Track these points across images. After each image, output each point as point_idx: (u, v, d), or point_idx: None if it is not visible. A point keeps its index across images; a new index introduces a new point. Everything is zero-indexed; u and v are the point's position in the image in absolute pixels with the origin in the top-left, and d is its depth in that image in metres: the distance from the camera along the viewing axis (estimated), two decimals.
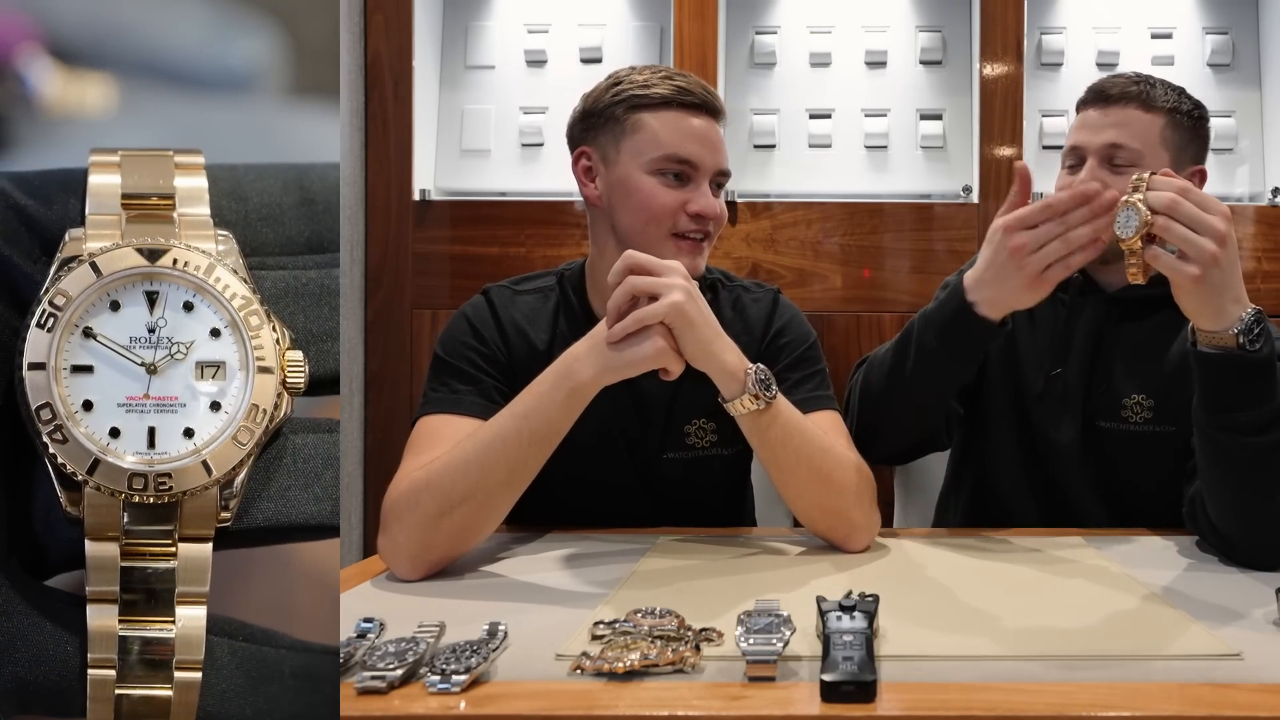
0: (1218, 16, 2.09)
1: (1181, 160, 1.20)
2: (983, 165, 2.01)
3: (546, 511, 1.13)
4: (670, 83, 1.10)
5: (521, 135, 2.10)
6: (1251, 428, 0.92)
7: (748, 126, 2.09)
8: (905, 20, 2.11)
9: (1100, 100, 1.21)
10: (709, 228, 1.10)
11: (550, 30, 2.13)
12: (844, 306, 2.02)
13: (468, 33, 2.14)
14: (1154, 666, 0.65)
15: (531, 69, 2.13)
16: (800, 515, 1.03)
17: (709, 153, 1.10)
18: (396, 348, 2.06)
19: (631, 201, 1.09)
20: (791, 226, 2.03)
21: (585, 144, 1.14)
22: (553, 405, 0.92)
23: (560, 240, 2.03)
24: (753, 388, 0.94)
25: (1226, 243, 0.87)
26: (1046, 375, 1.22)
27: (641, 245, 1.08)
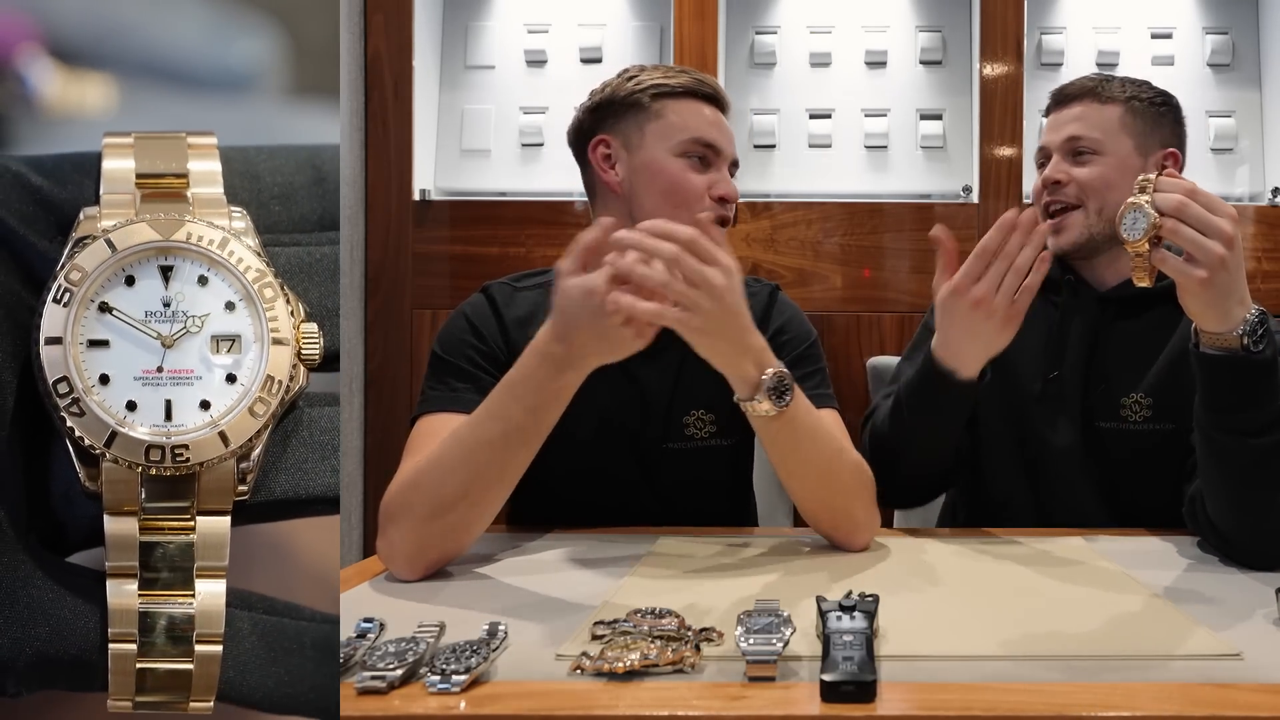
0: (1218, 16, 2.10)
1: (1148, 144, 1.23)
2: (983, 165, 2.01)
3: (548, 506, 1.14)
4: (687, 75, 1.15)
5: (521, 135, 2.10)
6: (1253, 428, 0.92)
7: (748, 126, 2.09)
8: (905, 20, 2.11)
9: (1060, 102, 1.27)
10: (729, 211, 1.14)
11: (550, 30, 2.13)
12: (844, 306, 2.02)
13: (468, 33, 2.15)
14: (1154, 667, 0.65)
15: (531, 69, 2.13)
16: (804, 512, 1.03)
17: (726, 141, 1.15)
18: (396, 348, 2.06)
19: (659, 183, 1.12)
20: (791, 226, 2.03)
21: (603, 132, 1.15)
22: (539, 401, 0.90)
23: (560, 240, 2.02)
24: (764, 395, 0.93)
25: (1234, 245, 0.87)
26: (1044, 378, 1.23)
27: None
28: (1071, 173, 1.21)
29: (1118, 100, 1.22)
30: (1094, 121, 1.22)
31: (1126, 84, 1.24)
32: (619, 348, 0.88)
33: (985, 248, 0.98)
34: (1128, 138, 1.21)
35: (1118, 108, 1.22)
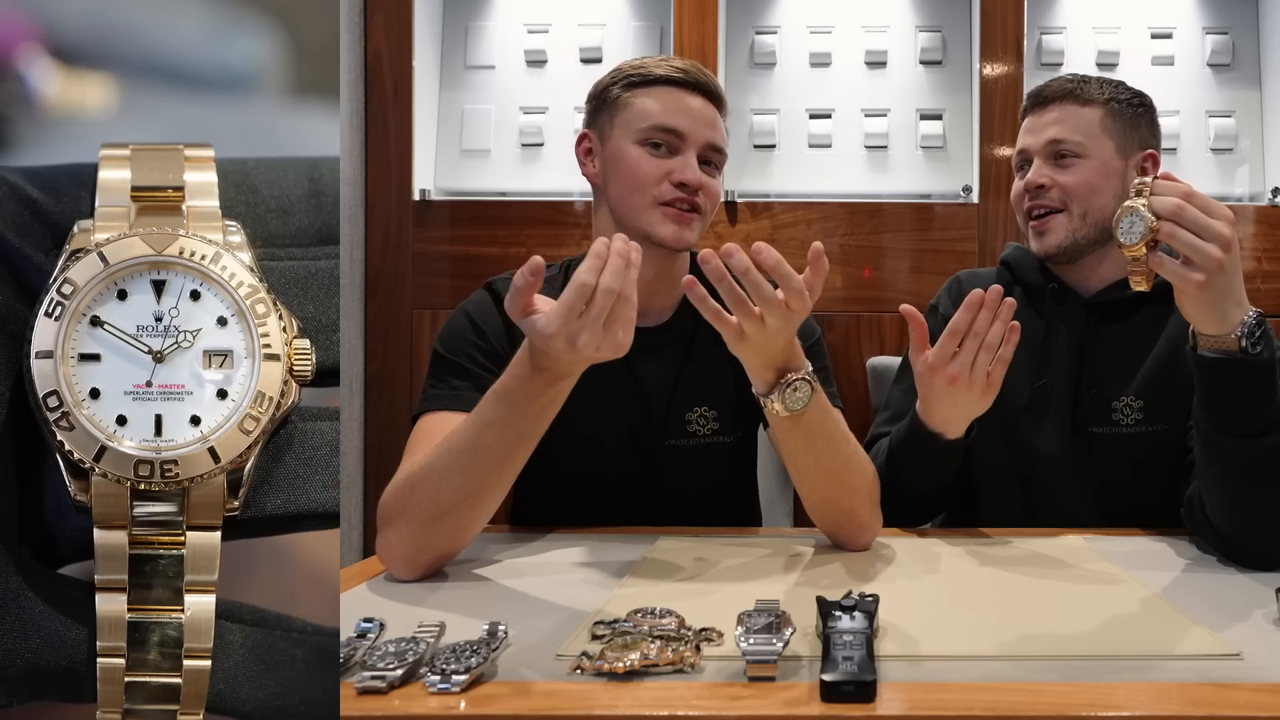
0: (1218, 16, 2.09)
1: (1128, 146, 1.23)
2: (983, 165, 2.01)
3: (550, 503, 1.13)
4: (667, 64, 1.13)
5: (521, 135, 2.10)
6: (1253, 430, 0.92)
7: (748, 126, 2.09)
8: (905, 20, 2.11)
9: (1038, 104, 1.25)
10: (697, 199, 1.11)
11: (550, 30, 2.13)
12: (844, 306, 2.02)
13: (468, 33, 2.15)
14: (1154, 667, 0.65)
15: (531, 69, 2.13)
16: (811, 509, 1.03)
17: (696, 125, 1.11)
18: (396, 348, 2.06)
19: (619, 172, 1.12)
20: (791, 226, 2.03)
21: (587, 127, 1.17)
22: (531, 403, 0.88)
23: (560, 240, 2.03)
24: (779, 396, 0.92)
25: (1231, 247, 0.86)
26: (1030, 387, 1.22)
27: (629, 215, 1.09)
28: (1054, 177, 1.21)
29: (1097, 102, 1.22)
30: (1075, 124, 1.22)
31: (1105, 85, 1.24)
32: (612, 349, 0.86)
33: (955, 328, 1.00)
34: (1109, 140, 1.21)
35: (1097, 110, 1.22)
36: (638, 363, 1.02)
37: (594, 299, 0.79)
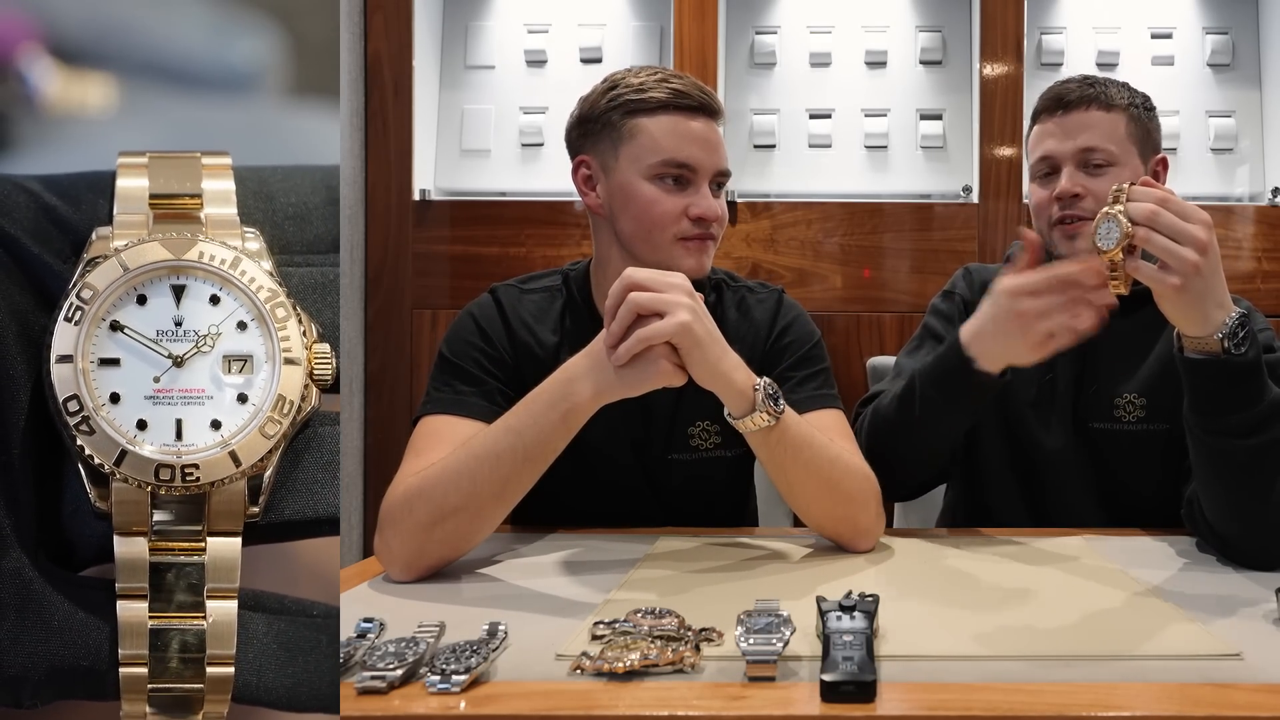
0: (1218, 16, 2.10)
1: (1146, 150, 1.22)
2: (983, 165, 2.01)
3: (552, 512, 1.13)
4: (666, 86, 1.09)
5: (521, 135, 2.10)
6: (1242, 430, 0.92)
7: (748, 126, 2.09)
8: (905, 20, 2.11)
9: (1059, 107, 1.21)
10: (712, 229, 1.10)
11: (550, 30, 2.13)
12: (844, 306, 2.02)
13: (468, 33, 2.15)
14: (1154, 667, 0.65)
15: (531, 69, 2.13)
16: (808, 521, 1.03)
17: (707, 155, 1.09)
18: (396, 348, 2.06)
19: (633, 209, 1.09)
20: (791, 226, 2.03)
21: (584, 152, 1.13)
22: (548, 424, 0.91)
23: (560, 240, 2.03)
24: (763, 404, 0.92)
25: (1208, 251, 0.86)
26: (1038, 382, 1.22)
27: (646, 250, 1.08)
28: (1088, 185, 1.18)
29: (1120, 107, 1.20)
30: (1105, 131, 1.19)
31: (1122, 89, 1.22)
32: (655, 380, 0.90)
33: (1065, 278, 0.95)
34: (1133, 145, 1.20)
35: (1122, 115, 1.20)
36: None
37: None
